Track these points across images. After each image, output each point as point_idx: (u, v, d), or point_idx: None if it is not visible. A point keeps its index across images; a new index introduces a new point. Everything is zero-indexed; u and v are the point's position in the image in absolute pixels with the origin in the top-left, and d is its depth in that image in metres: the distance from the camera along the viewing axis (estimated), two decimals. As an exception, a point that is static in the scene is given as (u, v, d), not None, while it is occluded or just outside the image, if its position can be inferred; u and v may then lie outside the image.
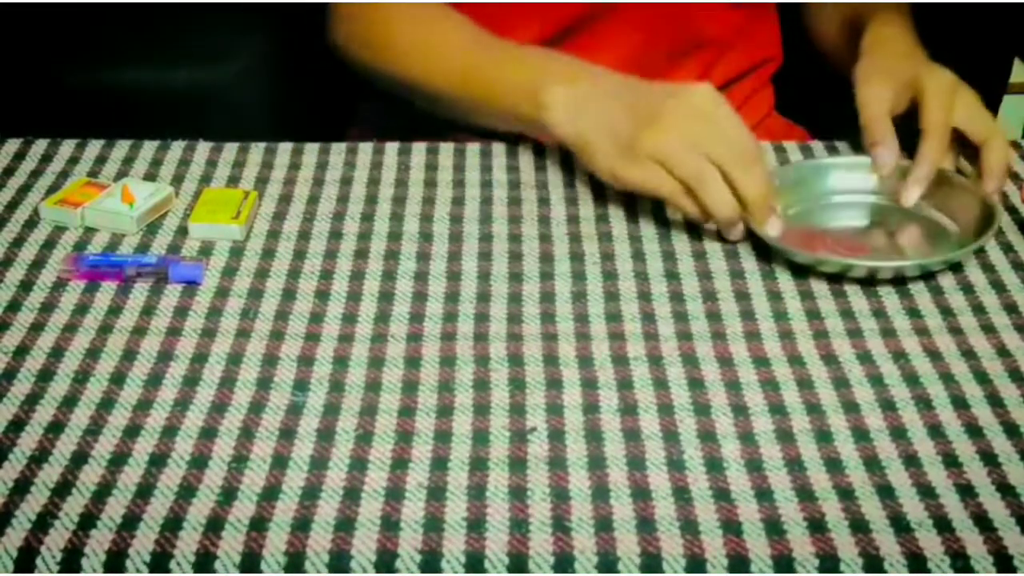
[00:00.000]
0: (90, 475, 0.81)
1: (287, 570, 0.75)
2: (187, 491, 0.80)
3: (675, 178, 1.04)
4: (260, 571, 0.75)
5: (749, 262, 1.05)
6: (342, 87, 1.41)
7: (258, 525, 0.77)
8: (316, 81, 1.38)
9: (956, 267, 1.03)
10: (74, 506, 0.79)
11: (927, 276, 1.02)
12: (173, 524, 0.77)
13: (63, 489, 0.80)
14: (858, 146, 1.22)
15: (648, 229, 1.09)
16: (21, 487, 0.80)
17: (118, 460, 0.83)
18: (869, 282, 1.01)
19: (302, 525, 0.77)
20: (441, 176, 1.18)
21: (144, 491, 0.80)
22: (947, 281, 1.02)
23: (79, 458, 0.83)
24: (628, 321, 0.97)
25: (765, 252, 1.06)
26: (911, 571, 0.75)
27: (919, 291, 1.01)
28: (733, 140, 1.04)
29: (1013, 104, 1.81)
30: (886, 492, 0.80)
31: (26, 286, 1.01)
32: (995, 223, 1.04)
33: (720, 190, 1.03)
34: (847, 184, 1.13)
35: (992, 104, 1.49)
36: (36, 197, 1.14)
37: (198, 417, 0.87)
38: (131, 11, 1.45)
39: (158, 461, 0.83)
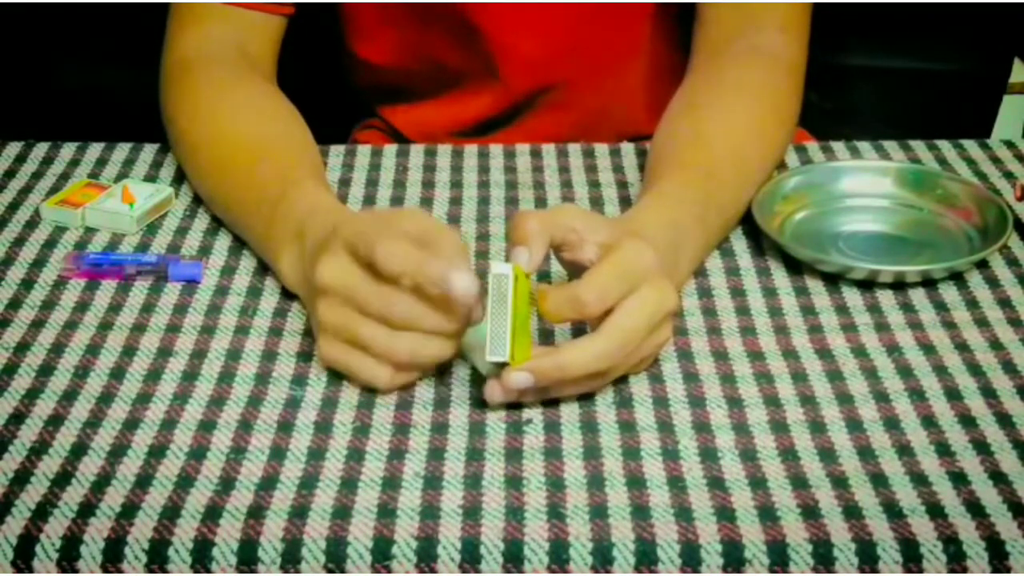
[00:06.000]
0: (89, 466, 0.82)
1: (284, 556, 0.75)
2: (185, 481, 0.81)
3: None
4: (258, 558, 0.75)
5: (744, 259, 1.05)
6: (345, 91, 1.41)
7: (256, 513, 0.78)
8: (318, 84, 1.39)
9: (951, 264, 1.04)
10: (73, 496, 0.79)
11: (926, 281, 1.02)
12: (171, 512, 0.78)
13: (62, 479, 0.81)
14: (855, 147, 1.23)
15: (644, 228, 1.10)
16: (21, 478, 0.81)
17: (117, 452, 0.83)
18: (868, 284, 1.02)
19: (299, 513, 0.78)
20: (439, 177, 1.19)
21: (143, 481, 0.81)
22: (940, 275, 1.02)
23: (78, 449, 0.83)
24: (624, 316, 0.97)
25: (761, 250, 1.06)
26: (904, 556, 0.75)
27: (913, 287, 1.01)
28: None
29: (1013, 104, 1.81)
30: (879, 480, 0.81)
31: (27, 284, 1.02)
32: (1007, 233, 1.03)
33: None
34: (860, 187, 1.13)
35: (992, 104, 1.50)
36: (37, 198, 1.14)
37: (197, 410, 0.87)
38: (132, 12, 1.46)
39: (157, 452, 0.83)
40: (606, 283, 0.87)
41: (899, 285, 1.01)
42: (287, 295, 1.00)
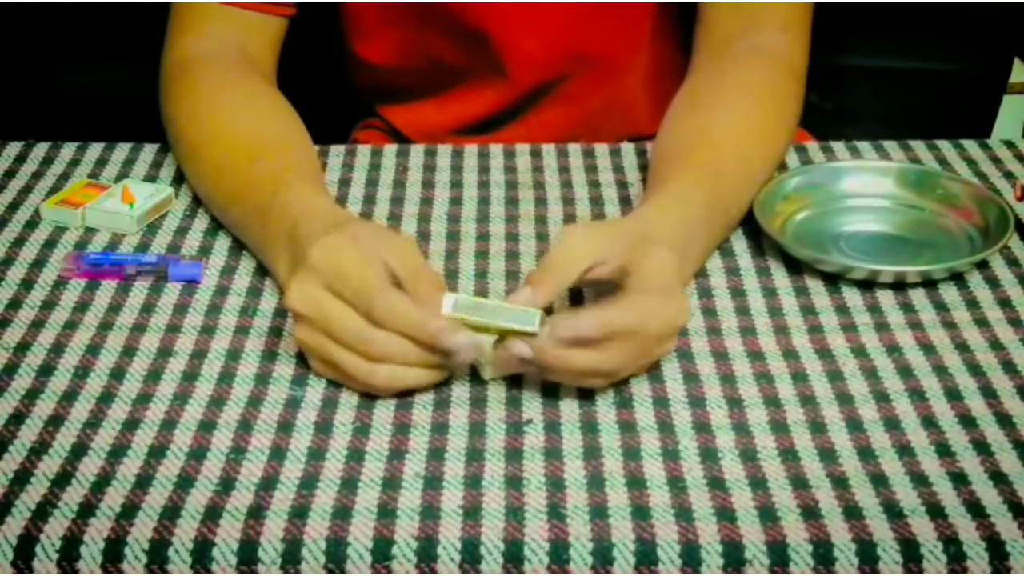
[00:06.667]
0: (89, 466, 0.82)
1: (284, 556, 0.75)
2: (185, 481, 0.81)
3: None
4: (258, 558, 0.75)
5: (745, 259, 1.05)
6: (345, 91, 1.41)
7: (256, 513, 0.78)
8: (318, 84, 1.39)
9: (951, 264, 1.04)
10: (73, 496, 0.79)
11: (926, 281, 1.02)
12: (171, 513, 0.78)
13: (62, 480, 0.81)
14: (855, 147, 1.23)
15: (645, 228, 1.09)
16: (21, 478, 0.81)
17: (117, 452, 0.83)
18: (868, 284, 1.02)
19: (299, 513, 0.78)
20: (439, 177, 1.18)
21: (143, 481, 0.81)
22: (941, 275, 1.02)
23: (78, 450, 0.83)
24: (624, 316, 0.97)
25: (761, 250, 1.06)
26: (904, 556, 0.75)
27: (913, 287, 1.01)
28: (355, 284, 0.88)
29: (1013, 104, 1.81)
30: (879, 480, 0.81)
31: (27, 284, 1.02)
32: (1008, 233, 1.03)
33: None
34: (862, 188, 1.13)
35: (992, 104, 1.50)
36: (37, 198, 1.14)
37: (197, 411, 0.87)
38: (132, 12, 1.46)
39: (157, 453, 0.83)
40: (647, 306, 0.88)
41: (899, 285, 1.01)
42: (287, 295, 1.00)
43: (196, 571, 0.75)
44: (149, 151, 1.23)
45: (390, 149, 1.24)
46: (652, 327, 0.87)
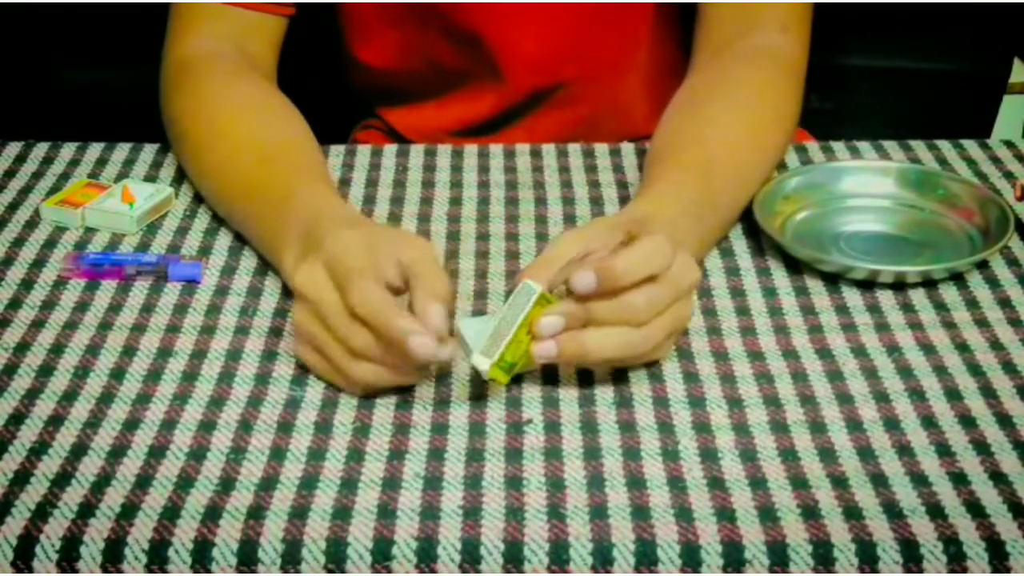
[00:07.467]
0: (89, 466, 0.82)
1: (284, 557, 0.75)
2: (185, 481, 0.81)
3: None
4: (257, 558, 0.75)
5: (745, 259, 1.05)
6: (345, 91, 1.41)
7: (256, 514, 0.78)
8: (318, 84, 1.39)
9: (951, 264, 1.04)
10: (73, 496, 0.79)
11: (926, 281, 1.02)
12: (171, 513, 0.78)
13: (62, 480, 0.81)
14: (855, 147, 1.23)
15: (645, 228, 1.09)
16: (21, 478, 0.81)
17: (117, 452, 0.83)
18: (868, 284, 1.02)
19: (299, 513, 0.78)
20: (439, 177, 1.19)
21: (143, 481, 0.81)
22: (941, 275, 1.02)
23: (78, 450, 0.83)
24: (624, 316, 0.97)
25: (761, 250, 1.06)
26: (904, 556, 0.75)
27: (913, 287, 1.01)
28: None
29: (1013, 104, 1.81)
30: (879, 480, 0.81)
31: (27, 284, 1.02)
32: (1008, 234, 1.03)
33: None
34: (862, 188, 1.13)
35: (992, 104, 1.50)
36: (37, 198, 1.14)
37: (197, 411, 0.87)
38: (132, 12, 1.46)
39: (157, 453, 0.83)
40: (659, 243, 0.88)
41: (899, 285, 1.01)
42: (287, 295, 1.00)
43: (196, 571, 0.75)
44: (149, 151, 1.23)
45: (390, 149, 1.24)
46: (665, 263, 0.87)
